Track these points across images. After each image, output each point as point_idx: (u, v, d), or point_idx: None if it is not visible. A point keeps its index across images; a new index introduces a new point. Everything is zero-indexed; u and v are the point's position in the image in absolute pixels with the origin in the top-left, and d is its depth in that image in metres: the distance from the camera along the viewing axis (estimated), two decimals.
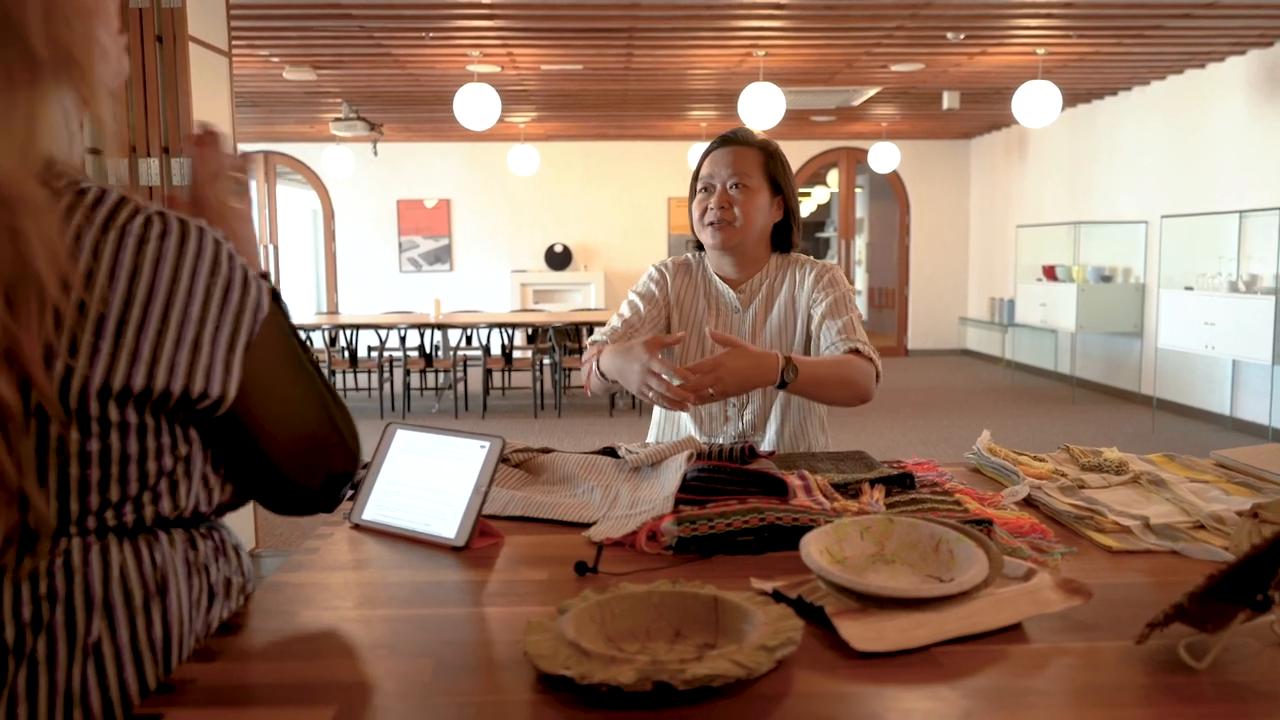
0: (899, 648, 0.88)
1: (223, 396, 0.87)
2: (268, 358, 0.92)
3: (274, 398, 0.93)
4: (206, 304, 0.86)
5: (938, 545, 1.03)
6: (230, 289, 0.88)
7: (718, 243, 1.91)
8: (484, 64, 6.98)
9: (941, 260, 11.93)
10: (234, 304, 0.88)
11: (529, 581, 1.09)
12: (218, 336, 0.86)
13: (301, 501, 0.99)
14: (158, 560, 0.88)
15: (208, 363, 0.86)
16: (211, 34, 3.96)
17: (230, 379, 0.87)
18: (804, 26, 6.06)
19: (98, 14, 0.91)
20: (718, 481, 1.28)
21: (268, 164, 11.55)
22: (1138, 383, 8.35)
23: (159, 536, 0.90)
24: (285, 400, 0.95)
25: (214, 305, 0.86)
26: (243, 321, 0.88)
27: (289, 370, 0.96)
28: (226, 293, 0.87)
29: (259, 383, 0.91)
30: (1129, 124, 8.42)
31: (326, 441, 0.98)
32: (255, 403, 0.91)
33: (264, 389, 0.92)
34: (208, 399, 0.86)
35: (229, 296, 0.87)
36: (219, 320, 0.87)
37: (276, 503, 0.99)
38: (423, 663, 0.87)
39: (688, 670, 0.77)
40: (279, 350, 0.94)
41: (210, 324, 0.86)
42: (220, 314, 0.87)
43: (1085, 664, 0.87)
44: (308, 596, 1.05)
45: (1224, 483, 1.46)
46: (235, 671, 0.86)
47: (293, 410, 0.95)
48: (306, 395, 0.97)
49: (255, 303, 0.90)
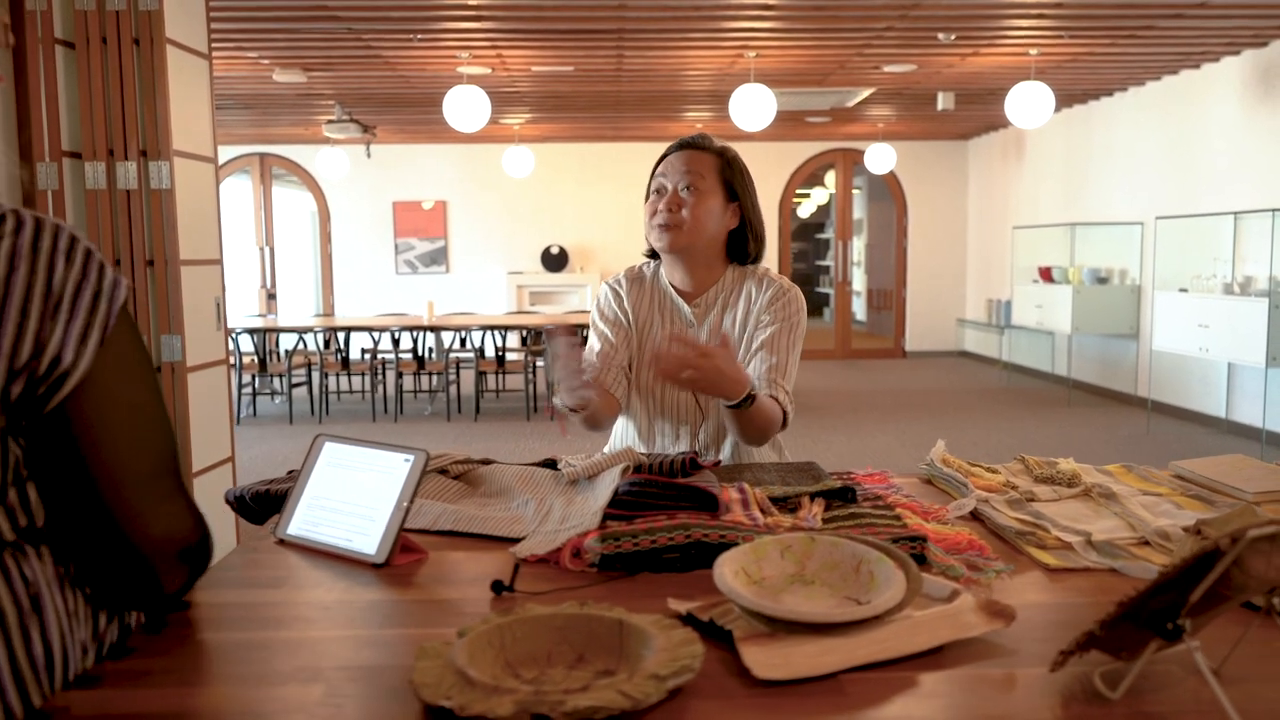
0: (805, 675, 0.85)
1: (73, 369, 0.85)
2: (120, 359, 0.90)
3: (117, 407, 0.90)
4: (62, 291, 0.85)
5: (859, 566, 1.00)
6: (85, 279, 0.87)
7: (665, 245, 1.87)
8: (474, 65, 6.95)
9: (939, 261, 11.89)
10: (89, 292, 0.87)
11: (443, 601, 1.06)
12: (74, 314, 0.86)
13: (129, 564, 0.90)
14: (29, 576, 0.85)
15: (62, 334, 0.85)
16: (190, 36, 3.93)
17: (84, 350, 0.85)
18: (794, 28, 6.03)
19: None
20: (649, 496, 1.25)
21: (264, 166, 11.54)
22: (1134, 385, 8.30)
23: (26, 551, 0.87)
24: (129, 414, 0.91)
25: (68, 292, 0.86)
26: (99, 307, 0.87)
27: (138, 382, 0.93)
28: (81, 282, 0.87)
29: (104, 382, 0.88)
30: (1124, 125, 8.37)
31: (165, 485, 0.94)
32: (94, 404, 0.87)
33: (107, 392, 0.88)
34: (59, 367, 0.84)
35: (84, 285, 0.87)
36: (74, 302, 0.86)
37: (100, 562, 0.90)
38: (310, 690, 0.84)
39: (568, 702, 0.74)
40: (131, 356, 0.92)
41: (66, 306, 0.85)
42: (76, 297, 0.86)
43: (998, 692, 0.84)
44: (213, 616, 1.02)
45: (1178, 495, 1.42)
46: (111, 699, 0.83)
47: (134, 429, 0.92)
48: (153, 419, 0.94)
49: (110, 293, 0.89)
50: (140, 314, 3.49)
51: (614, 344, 1.93)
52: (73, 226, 0.89)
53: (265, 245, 11.70)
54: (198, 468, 3.63)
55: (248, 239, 11.68)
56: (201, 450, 3.67)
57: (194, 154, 3.76)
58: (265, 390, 9.10)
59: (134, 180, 3.59)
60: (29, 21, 3.37)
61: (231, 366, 7.99)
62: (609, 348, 1.93)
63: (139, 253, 3.49)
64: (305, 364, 8.39)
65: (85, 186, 3.52)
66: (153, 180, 3.59)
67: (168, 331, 3.54)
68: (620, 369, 1.92)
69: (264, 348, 8.24)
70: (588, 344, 1.98)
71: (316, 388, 8.40)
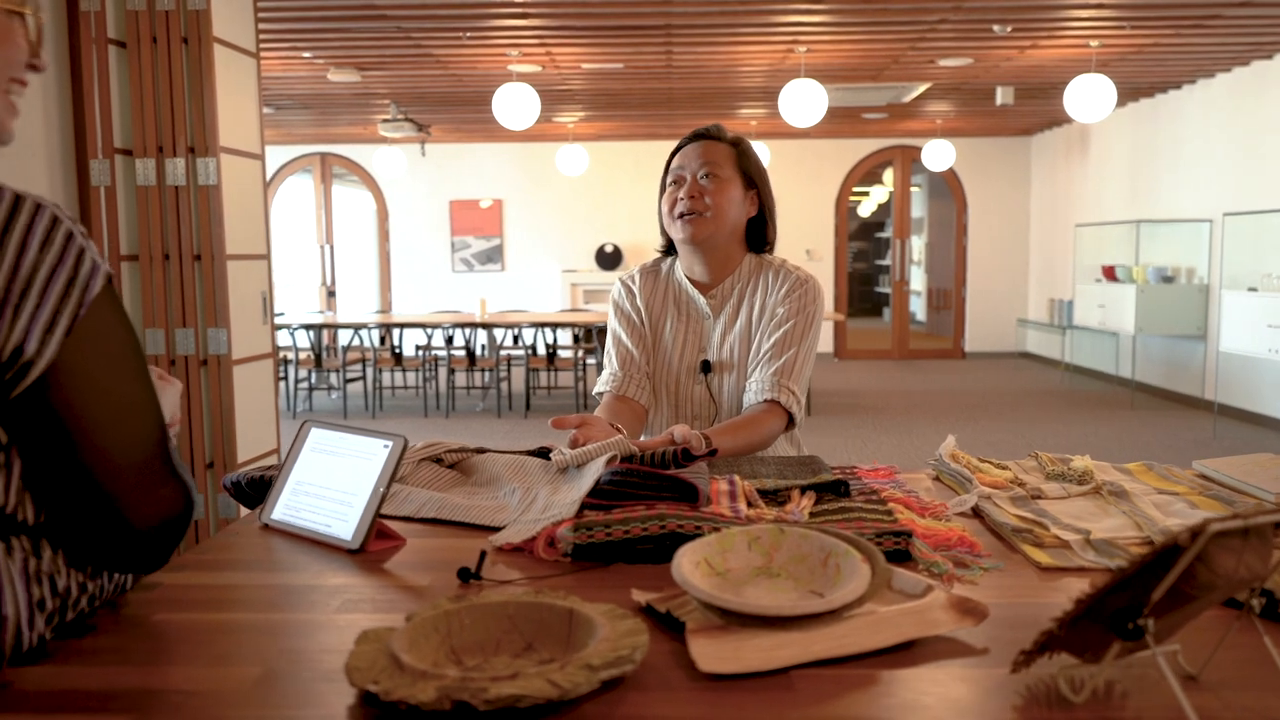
0: (753, 669, 0.81)
1: (37, 358, 0.84)
2: (98, 346, 0.88)
3: (100, 395, 0.89)
4: (33, 275, 0.84)
5: (827, 559, 0.96)
6: (61, 264, 0.86)
7: (688, 235, 1.85)
8: (524, 63, 6.98)
9: (1000, 260, 11.64)
10: (62, 278, 0.86)
11: (409, 588, 1.05)
12: (43, 301, 0.84)
13: (125, 544, 0.92)
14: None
15: (27, 322, 0.83)
16: (238, 35, 4.00)
17: (50, 340, 0.84)
18: (845, 22, 5.94)
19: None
20: (630, 486, 1.22)
21: (324, 165, 11.74)
22: (1200, 388, 8.03)
23: None
24: (113, 403, 0.90)
25: (40, 275, 0.84)
26: (71, 294, 0.86)
27: (121, 370, 0.91)
28: (56, 267, 0.86)
29: (84, 371, 0.87)
30: (1193, 119, 8.10)
31: (158, 469, 0.93)
32: (77, 394, 0.87)
33: (89, 381, 0.88)
34: (21, 356, 0.83)
35: (58, 270, 0.86)
36: (45, 289, 0.85)
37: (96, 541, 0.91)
38: (249, 671, 0.83)
39: (491, 690, 0.72)
40: (112, 343, 0.90)
41: (35, 291, 0.84)
42: (47, 283, 0.85)
43: (955, 693, 0.80)
44: (176, 598, 1.02)
45: (1195, 495, 1.36)
46: (58, 676, 0.83)
47: (121, 417, 0.91)
48: (139, 407, 0.93)
49: (86, 280, 0.87)
50: (188, 307, 3.56)
51: (630, 349, 1.92)
52: (57, 206, 0.88)
53: (325, 243, 11.90)
54: (243, 458, 3.70)
55: (309, 237, 11.90)
56: (246, 442, 3.73)
57: (241, 150, 3.82)
58: (321, 386, 9.25)
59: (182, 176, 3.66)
60: (83, 22, 3.46)
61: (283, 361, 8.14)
62: (625, 353, 1.92)
63: (187, 247, 3.56)
64: (360, 360, 8.52)
65: (136, 183, 3.60)
66: (200, 176, 3.66)
67: (214, 325, 3.61)
68: (642, 374, 1.92)
69: (320, 344, 8.38)
70: (605, 350, 1.98)
71: (370, 383, 8.52)
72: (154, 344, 3.52)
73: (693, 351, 1.90)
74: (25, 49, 0.94)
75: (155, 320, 3.54)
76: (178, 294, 3.55)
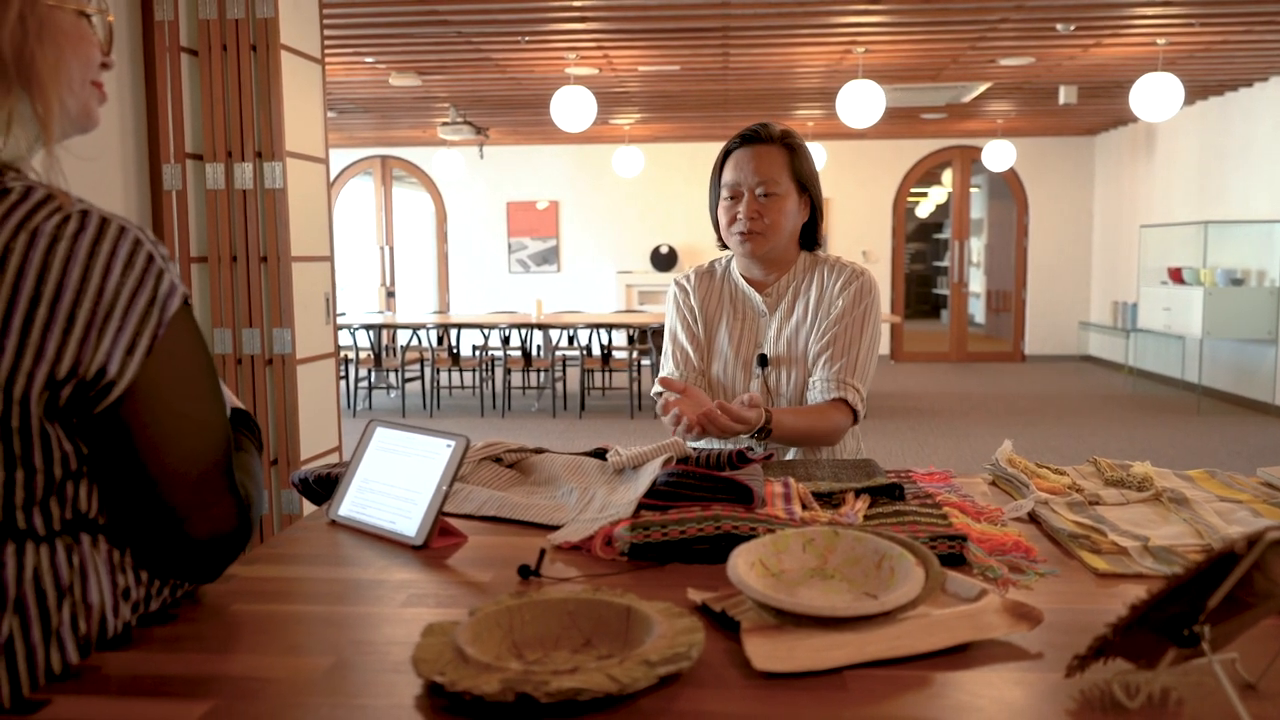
0: (807, 669, 0.83)
1: (119, 378, 0.87)
2: (174, 366, 0.92)
3: (170, 411, 0.92)
4: (116, 298, 0.87)
5: (881, 561, 0.97)
6: (141, 286, 0.88)
7: (748, 252, 1.90)
8: (582, 66, 7.03)
9: (1061, 262, 11.43)
10: (142, 300, 0.88)
11: (471, 583, 1.08)
12: (124, 323, 0.87)
13: (180, 551, 0.95)
14: (74, 562, 0.90)
15: (110, 345, 0.86)
16: (304, 42, 4.09)
17: (130, 361, 0.87)
18: (903, 22, 5.89)
19: (73, 43, 0.94)
20: (686, 487, 1.25)
21: (385, 168, 11.94)
22: (1271, 393, 7.81)
23: (79, 539, 0.91)
24: (182, 419, 0.93)
25: (123, 299, 0.87)
26: (150, 316, 0.89)
27: (193, 389, 0.94)
28: (137, 290, 0.88)
29: (158, 389, 0.90)
30: (1264, 117, 7.88)
31: (217, 484, 0.96)
32: (149, 410, 0.90)
33: (162, 398, 0.91)
34: (104, 378, 0.86)
35: (139, 293, 0.88)
36: (126, 311, 0.87)
37: (155, 548, 0.95)
38: (320, 660, 0.87)
39: (552, 683, 0.74)
40: (187, 361, 0.93)
41: (117, 314, 0.87)
42: (129, 306, 0.87)
43: (1009, 696, 0.80)
44: (250, 590, 1.06)
45: (1259, 503, 1.34)
46: (141, 661, 0.87)
47: (188, 432, 0.94)
48: (207, 424, 0.96)
49: (164, 301, 0.90)
50: (254, 308, 3.66)
51: (686, 348, 1.96)
52: (141, 229, 0.91)
53: (385, 244, 12.10)
54: (305, 455, 3.79)
55: (369, 238, 12.10)
56: (309, 439, 3.82)
57: (306, 155, 3.91)
58: (380, 385, 9.41)
59: (250, 180, 3.76)
60: (157, 31, 3.57)
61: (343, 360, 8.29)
62: (682, 353, 1.96)
63: (254, 249, 3.65)
64: (418, 359, 8.65)
65: (206, 186, 3.70)
66: (267, 180, 3.75)
67: (279, 325, 3.70)
68: (697, 373, 1.97)
69: (380, 343, 8.53)
70: (663, 350, 2.02)
71: (428, 383, 8.64)
72: (221, 343, 3.63)
73: (749, 347, 1.93)
74: (98, 47, 0.98)
75: (223, 320, 3.64)
76: (244, 295, 3.65)
